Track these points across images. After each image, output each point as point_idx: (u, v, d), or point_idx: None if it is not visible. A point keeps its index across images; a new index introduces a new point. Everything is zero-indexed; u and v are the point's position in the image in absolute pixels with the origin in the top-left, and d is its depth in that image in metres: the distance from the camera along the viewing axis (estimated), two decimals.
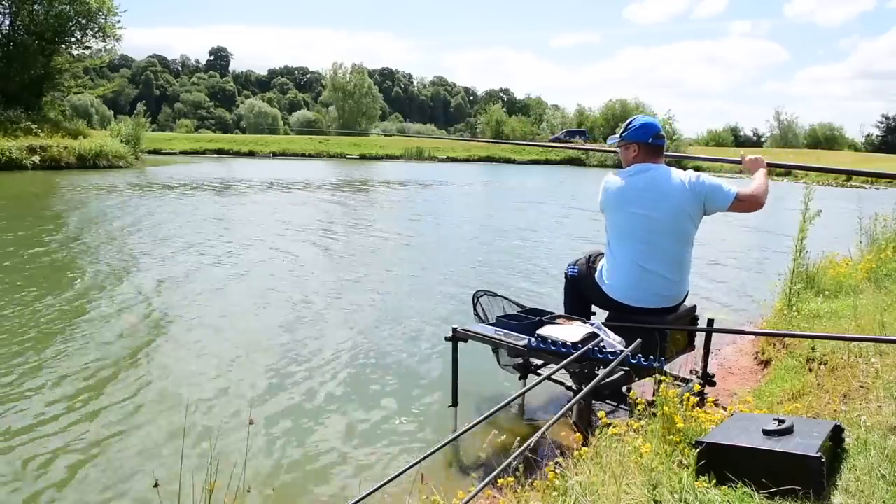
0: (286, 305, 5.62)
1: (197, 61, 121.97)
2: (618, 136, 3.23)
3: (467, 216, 13.78)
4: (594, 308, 3.44)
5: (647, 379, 2.89)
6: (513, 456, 2.08)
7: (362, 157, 40.51)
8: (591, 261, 3.36)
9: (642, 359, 2.76)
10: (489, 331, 3.27)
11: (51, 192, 15.11)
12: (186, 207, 12.78)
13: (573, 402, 2.48)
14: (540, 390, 3.61)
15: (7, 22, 26.39)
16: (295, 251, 8.26)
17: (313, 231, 10.18)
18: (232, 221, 11.06)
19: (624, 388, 3.03)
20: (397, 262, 7.99)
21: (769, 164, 3.24)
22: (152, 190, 16.28)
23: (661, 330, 3.08)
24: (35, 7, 26.24)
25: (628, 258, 3.09)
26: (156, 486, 2.07)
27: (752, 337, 4.42)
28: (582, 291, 3.38)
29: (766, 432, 1.89)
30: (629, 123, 3.20)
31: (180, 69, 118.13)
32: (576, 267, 3.41)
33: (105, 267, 6.96)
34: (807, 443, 1.80)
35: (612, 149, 3.30)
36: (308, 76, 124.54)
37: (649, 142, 3.11)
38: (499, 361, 3.57)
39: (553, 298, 5.51)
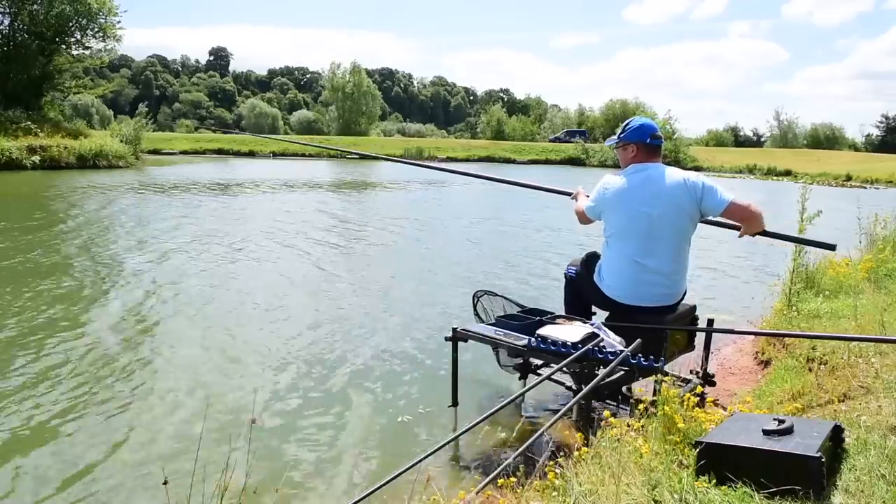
0: (287, 306, 5.62)
1: (197, 61, 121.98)
2: (616, 138, 3.26)
3: (467, 216, 13.77)
4: (594, 308, 3.44)
5: (648, 379, 2.89)
6: (513, 456, 2.08)
7: (362, 157, 40.50)
8: (589, 261, 3.36)
9: (642, 359, 2.76)
10: (489, 331, 3.27)
11: (50, 192, 15.10)
12: (186, 208, 12.77)
13: (573, 402, 2.48)
14: (540, 390, 3.61)
15: (7, 22, 26.43)
16: (295, 251, 8.26)
17: (313, 231, 10.18)
18: (232, 222, 11.06)
19: (624, 388, 3.03)
20: (396, 262, 7.99)
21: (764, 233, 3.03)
22: (152, 190, 16.28)
23: (661, 330, 3.08)
24: (35, 7, 26.25)
25: (627, 256, 3.10)
26: (165, 483, 2.09)
27: (752, 337, 4.42)
28: (581, 292, 3.39)
29: (766, 432, 1.89)
30: (627, 125, 3.24)
31: (180, 69, 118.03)
32: (574, 268, 3.42)
33: (103, 268, 6.95)
34: (807, 443, 1.80)
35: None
36: (308, 76, 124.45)
37: (647, 142, 3.14)
38: (499, 361, 3.57)
39: (554, 298, 5.51)
